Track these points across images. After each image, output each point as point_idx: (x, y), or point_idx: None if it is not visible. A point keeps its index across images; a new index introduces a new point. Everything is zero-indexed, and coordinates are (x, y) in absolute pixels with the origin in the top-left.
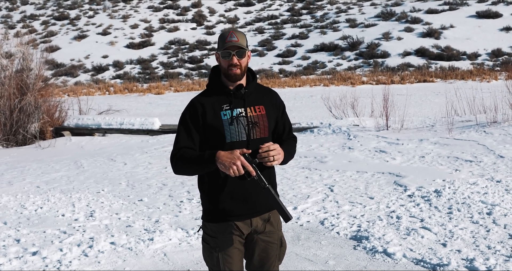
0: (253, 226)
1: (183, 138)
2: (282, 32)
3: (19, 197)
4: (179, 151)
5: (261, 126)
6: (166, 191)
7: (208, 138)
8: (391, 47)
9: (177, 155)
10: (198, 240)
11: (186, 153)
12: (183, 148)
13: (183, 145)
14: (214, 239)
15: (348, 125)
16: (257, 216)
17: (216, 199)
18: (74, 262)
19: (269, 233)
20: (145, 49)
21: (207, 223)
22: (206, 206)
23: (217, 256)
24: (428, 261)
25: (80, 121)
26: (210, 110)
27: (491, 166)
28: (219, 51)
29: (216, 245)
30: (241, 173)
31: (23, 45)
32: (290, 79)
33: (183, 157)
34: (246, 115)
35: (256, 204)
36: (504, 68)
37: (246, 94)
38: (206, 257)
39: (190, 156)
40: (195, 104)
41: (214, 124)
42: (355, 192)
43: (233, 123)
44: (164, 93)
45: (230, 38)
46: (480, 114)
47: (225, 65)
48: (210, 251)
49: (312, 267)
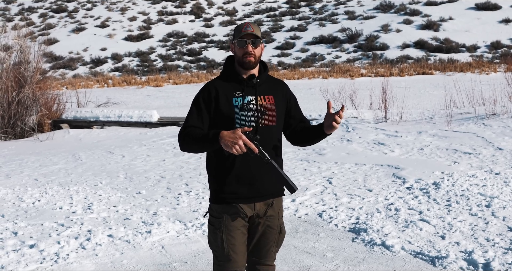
0: (256, 210)
1: (193, 117)
2: (280, 25)
3: (17, 190)
4: (187, 129)
5: (269, 114)
6: (164, 184)
7: (217, 122)
8: (390, 39)
9: (184, 132)
10: (196, 233)
11: (193, 131)
12: (191, 126)
13: (191, 124)
14: (219, 220)
15: (346, 117)
16: (261, 201)
17: (223, 181)
18: (71, 255)
19: (270, 218)
20: (143, 41)
21: (213, 204)
22: (213, 187)
23: (221, 237)
24: (427, 253)
25: (78, 114)
26: (223, 95)
27: (490, 158)
28: (234, 41)
29: (220, 226)
30: (243, 151)
31: (21, 38)
32: (289, 72)
33: (189, 135)
34: (256, 104)
35: (261, 188)
36: (503, 61)
37: (258, 84)
38: (210, 238)
39: (196, 134)
40: (210, 87)
41: (225, 110)
42: (354, 184)
43: (244, 110)
44: (163, 86)
45: (246, 28)
46: (479, 107)
47: (240, 53)
48: (214, 232)
49: (310, 259)
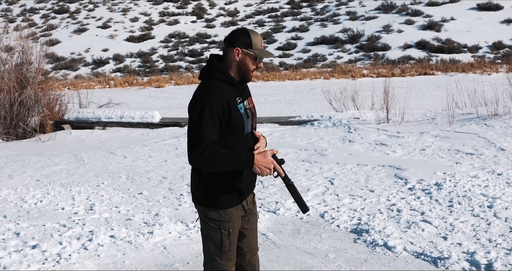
0: (248, 204)
1: (209, 131)
2: (282, 25)
3: (19, 191)
4: (209, 146)
5: (255, 116)
6: (166, 184)
7: (229, 131)
8: (392, 40)
9: (209, 150)
10: (198, 234)
11: (219, 151)
12: (211, 143)
13: (211, 139)
14: (228, 223)
15: (348, 118)
16: (250, 195)
17: (237, 184)
18: (73, 255)
19: (253, 207)
20: (145, 42)
21: (225, 209)
22: (224, 192)
23: (228, 239)
24: (429, 254)
25: (80, 114)
26: (231, 104)
27: (492, 159)
28: (253, 51)
29: (229, 228)
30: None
31: (23, 38)
32: (291, 72)
33: (215, 155)
34: (249, 108)
35: (253, 184)
36: (505, 61)
37: (243, 87)
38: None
39: (223, 156)
40: (218, 95)
41: (237, 118)
42: (356, 185)
43: (247, 116)
44: (165, 87)
45: (263, 43)
46: (481, 107)
47: (251, 67)
48: (221, 235)
49: (312, 260)
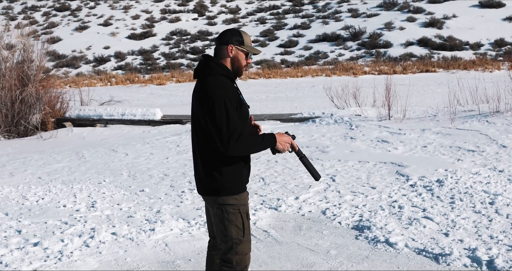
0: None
1: (235, 120)
2: (284, 23)
3: (20, 188)
4: (241, 133)
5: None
6: (167, 181)
7: (241, 121)
8: (393, 37)
9: (242, 137)
10: (200, 230)
11: (249, 136)
12: (244, 131)
13: (238, 127)
14: (246, 207)
15: (350, 115)
16: None
17: (245, 170)
18: (75, 253)
19: None
20: (146, 40)
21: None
22: (238, 178)
23: (248, 222)
24: (430, 250)
25: (81, 112)
26: (239, 96)
27: (493, 156)
28: (245, 48)
29: (248, 212)
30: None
31: (24, 36)
32: (292, 70)
33: (248, 140)
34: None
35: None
36: (507, 58)
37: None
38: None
39: (253, 140)
40: (229, 87)
41: (245, 109)
42: (357, 182)
43: (248, 106)
44: (166, 84)
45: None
46: (483, 104)
47: (243, 62)
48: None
49: (313, 256)
